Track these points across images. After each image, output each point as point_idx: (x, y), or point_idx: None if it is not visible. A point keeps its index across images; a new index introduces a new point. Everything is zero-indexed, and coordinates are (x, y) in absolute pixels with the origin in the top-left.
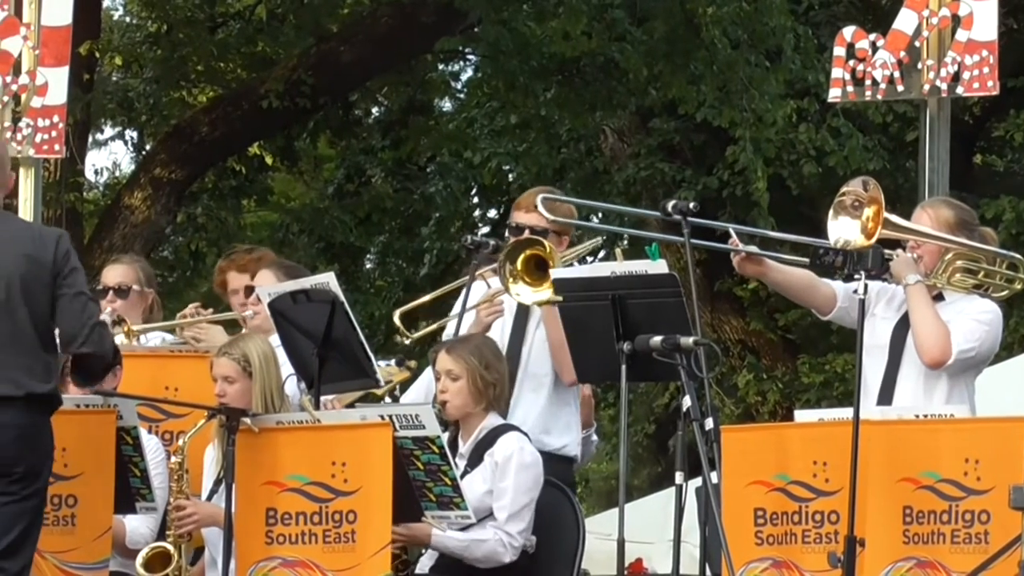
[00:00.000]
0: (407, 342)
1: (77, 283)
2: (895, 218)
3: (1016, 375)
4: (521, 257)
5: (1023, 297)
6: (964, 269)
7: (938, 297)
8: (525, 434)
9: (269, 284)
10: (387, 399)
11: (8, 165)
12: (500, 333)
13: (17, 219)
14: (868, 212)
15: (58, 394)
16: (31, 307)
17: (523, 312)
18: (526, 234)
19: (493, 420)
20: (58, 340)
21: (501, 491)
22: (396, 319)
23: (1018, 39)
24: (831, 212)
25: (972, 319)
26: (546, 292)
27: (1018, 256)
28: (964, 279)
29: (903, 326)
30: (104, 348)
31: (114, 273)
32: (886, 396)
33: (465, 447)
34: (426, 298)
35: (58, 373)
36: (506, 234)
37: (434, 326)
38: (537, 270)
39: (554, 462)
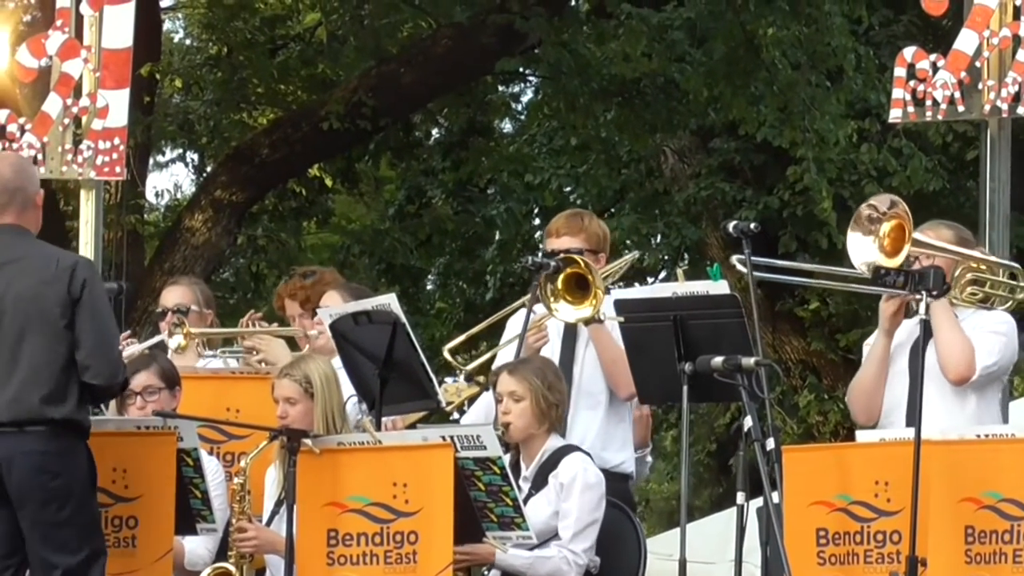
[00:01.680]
0: (460, 376)
1: (94, 312)
2: (922, 236)
3: None
4: (561, 276)
5: None
6: (972, 282)
7: None
8: (588, 454)
9: (335, 305)
10: (456, 415)
11: (31, 195)
12: (550, 356)
13: (38, 244)
14: (884, 228)
15: (80, 418)
16: (46, 334)
17: (571, 333)
18: (532, 258)
19: (555, 442)
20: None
21: (566, 511)
22: (446, 355)
23: None
24: (851, 225)
25: (990, 332)
26: (587, 309)
27: (1016, 265)
28: (973, 293)
29: (917, 349)
30: (111, 380)
31: (173, 295)
32: (913, 419)
33: (529, 470)
34: (474, 330)
35: (77, 398)
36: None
37: (487, 356)
38: (577, 288)
39: (612, 479)
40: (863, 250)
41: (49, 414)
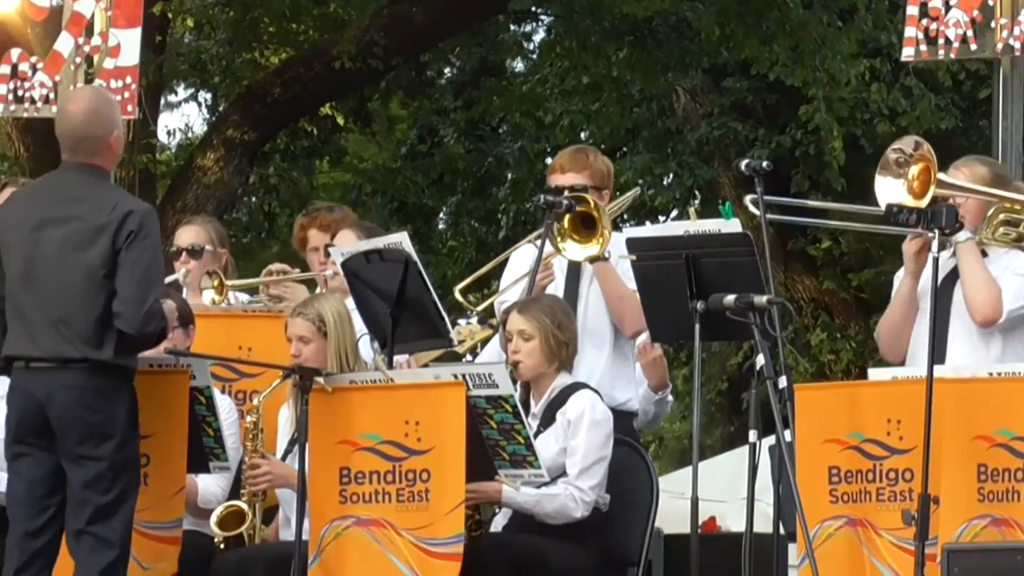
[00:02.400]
0: (474, 318)
1: (132, 263)
2: (947, 178)
3: None
4: (567, 216)
5: None
6: (1005, 223)
7: (982, 254)
8: (596, 391)
9: (348, 243)
10: (468, 357)
11: (103, 136)
12: (553, 293)
13: (100, 187)
14: (913, 171)
15: (120, 361)
16: (88, 281)
17: (574, 272)
18: (566, 194)
19: (564, 379)
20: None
21: (573, 448)
22: (457, 295)
23: None
24: (878, 170)
25: (1019, 275)
26: (594, 247)
27: None
28: (1006, 233)
29: (947, 285)
30: (142, 330)
31: (187, 234)
32: (939, 355)
33: (537, 407)
34: (483, 270)
35: (115, 344)
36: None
37: (498, 296)
38: (584, 227)
39: (619, 418)
40: (892, 193)
41: (87, 355)
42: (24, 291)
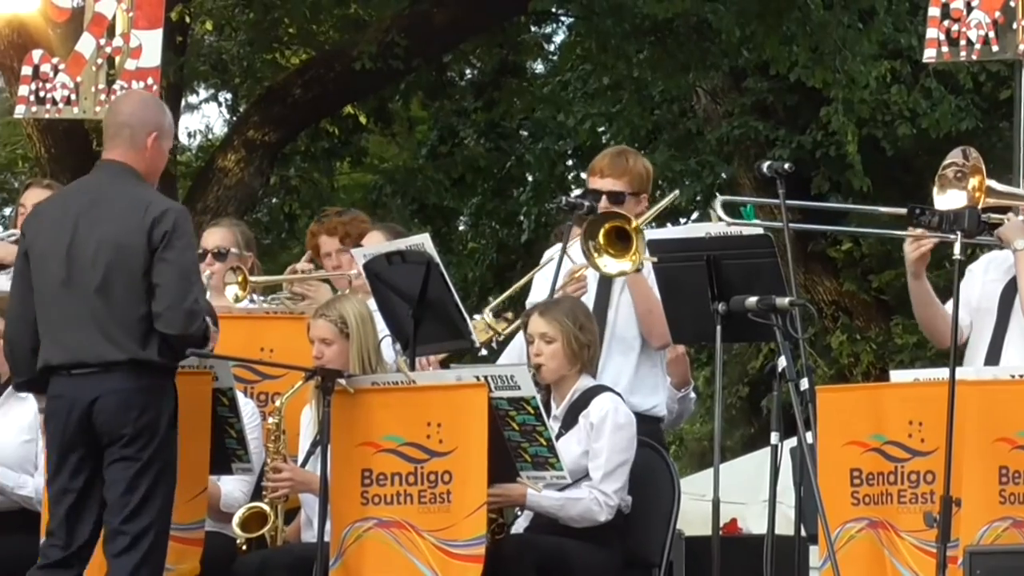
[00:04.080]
0: (487, 312)
1: (170, 263)
2: (998, 185)
3: None
4: (602, 230)
5: None
6: None
7: None
8: (619, 394)
9: (372, 244)
10: (484, 351)
11: (140, 134)
12: (585, 299)
13: (132, 185)
14: (974, 182)
15: (162, 360)
16: (127, 282)
17: (606, 280)
18: (603, 202)
19: (586, 382)
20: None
21: (596, 451)
22: (488, 317)
23: None
24: (936, 188)
25: None
26: (628, 263)
27: None
28: None
29: (1011, 289)
30: (185, 330)
31: (213, 237)
32: (994, 357)
33: (559, 409)
34: (510, 291)
35: (157, 345)
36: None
37: (513, 288)
38: (619, 241)
39: (644, 422)
40: (957, 205)
41: (132, 356)
42: (63, 297)
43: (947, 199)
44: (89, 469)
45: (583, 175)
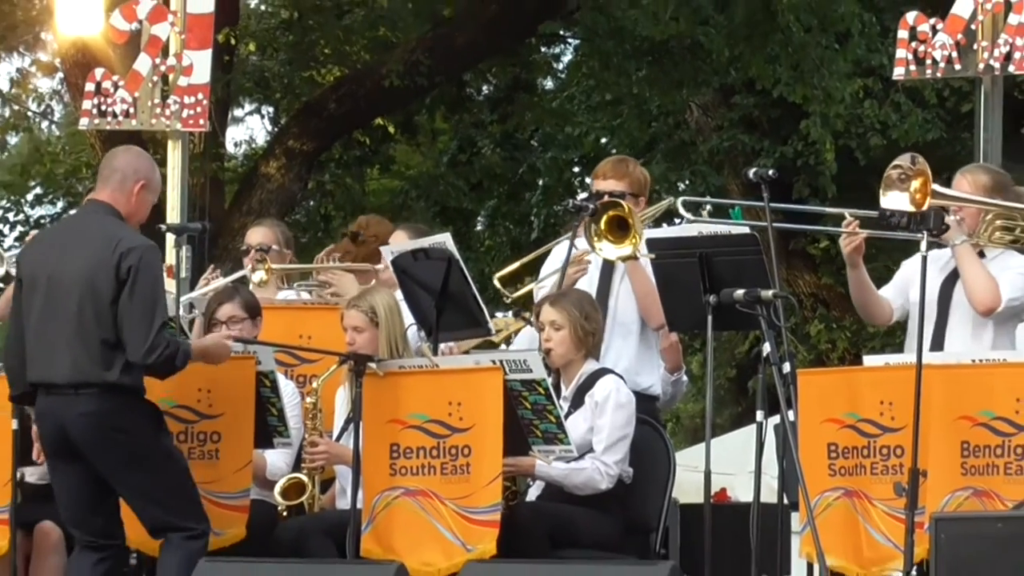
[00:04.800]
0: (507, 301)
1: (135, 300)
2: (940, 188)
3: None
4: (604, 218)
5: None
6: (1002, 227)
7: (980, 254)
8: (621, 376)
9: (400, 243)
10: (504, 346)
11: (128, 181)
12: (587, 287)
13: (108, 224)
14: (915, 184)
15: (128, 382)
16: (97, 310)
17: (607, 269)
18: (606, 198)
19: (592, 365)
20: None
21: (599, 427)
22: (496, 282)
23: None
24: (882, 186)
25: (1016, 272)
26: (627, 248)
27: None
28: (1002, 236)
29: (949, 283)
30: (145, 360)
31: (256, 234)
32: (938, 344)
33: (568, 391)
34: (518, 264)
35: (122, 367)
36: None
37: (530, 286)
38: (618, 229)
39: (643, 401)
40: (897, 205)
41: (97, 379)
42: (42, 322)
43: (890, 199)
44: (80, 473)
45: (588, 181)
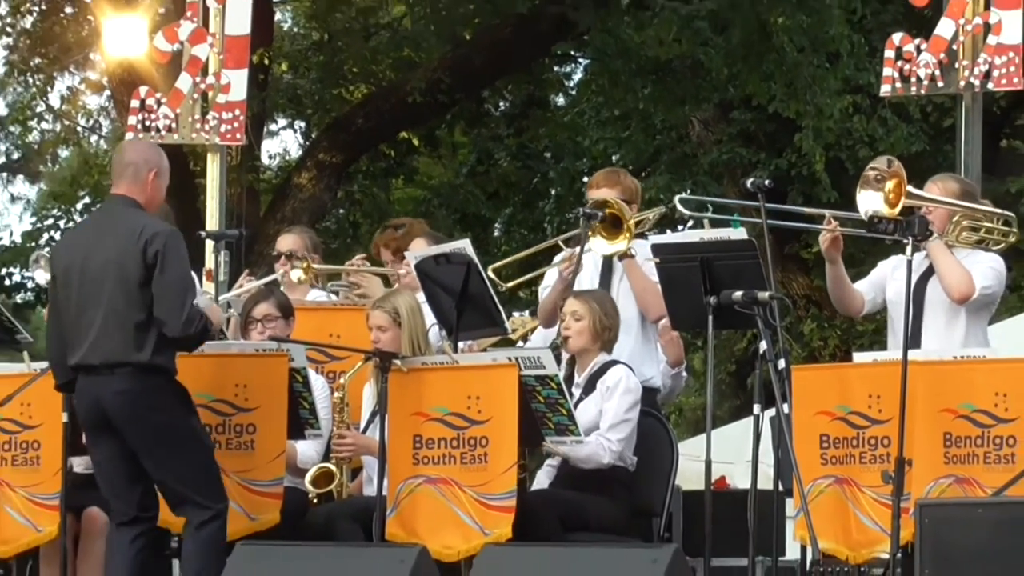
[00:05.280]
0: (503, 290)
1: (167, 281)
2: (914, 190)
3: None
4: (598, 216)
5: None
6: (968, 228)
7: None
8: (630, 367)
9: (421, 249)
10: (520, 344)
11: (142, 171)
12: (588, 286)
13: (133, 214)
14: (889, 185)
15: (160, 363)
16: (127, 293)
17: (607, 268)
18: (584, 209)
19: (604, 357)
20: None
21: (606, 409)
22: (490, 272)
23: None
24: (859, 185)
25: (987, 265)
26: (620, 244)
27: (1010, 213)
28: (969, 236)
29: (922, 282)
30: (184, 333)
31: (286, 241)
32: (915, 339)
33: (581, 378)
34: (512, 258)
35: (153, 347)
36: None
37: (527, 276)
38: (612, 227)
39: (644, 392)
40: (872, 203)
41: (130, 359)
42: (78, 310)
43: (864, 197)
44: (116, 448)
45: None
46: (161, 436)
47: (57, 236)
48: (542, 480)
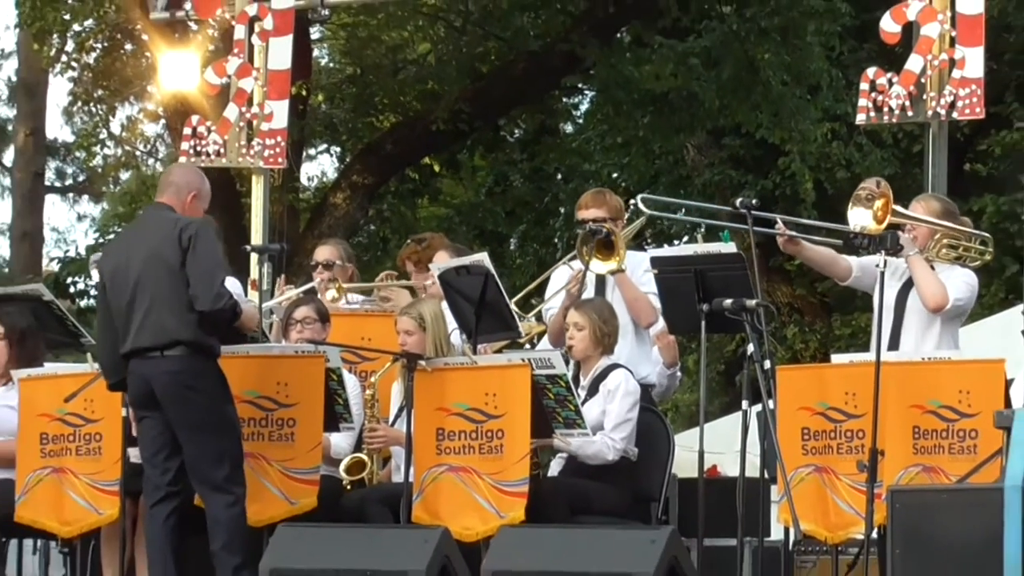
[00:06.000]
0: (532, 318)
1: (198, 259)
2: (900, 208)
3: (995, 330)
4: (594, 242)
5: (1001, 269)
6: (948, 245)
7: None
8: (629, 370)
9: (444, 261)
10: (527, 347)
11: (183, 192)
12: (585, 296)
13: (170, 215)
14: (878, 204)
15: (204, 340)
16: (170, 278)
17: (600, 283)
18: (589, 225)
19: (606, 361)
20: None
21: (609, 411)
22: (511, 305)
23: (997, 76)
24: (850, 203)
25: (960, 280)
26: (612, 264)
27: (987, 235)
28: (948, 253)
29: (905, 290)
30: (214, 306)
31: (323, 252)
32: (895, 343)
33: (585, 381)
34: (530, 287)
35: (197, 324)
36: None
37: (544, 304)
38: (605, 249)
39: (641, 389)
40: (861, 219)
41: (178, 338)
42: (129, 303)
43: (856, 214)
44: (159, 423)
45: None
46: (200, 415)
47: None
48: (554, 469)
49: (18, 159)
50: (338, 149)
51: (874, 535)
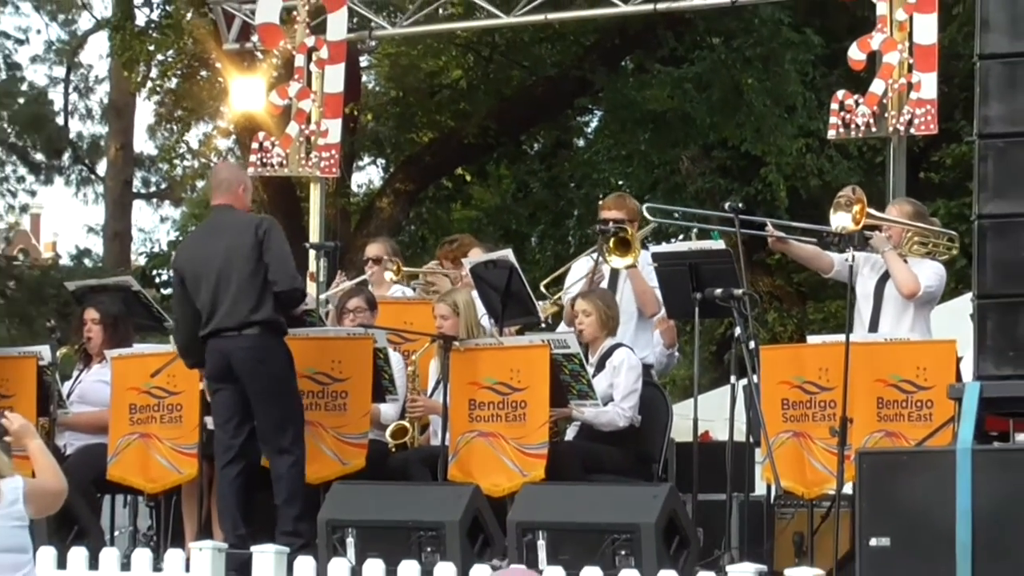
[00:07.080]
0: (550, 302)
1: (274, 249)
2: (874, 212)
3: (947, 315)
4: (613, 240)
5: (952, 262)
6: (919, 242)
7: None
8: (631, 348)
9: (475, 256)
10: (543, 325)
11: (234, 185)
12: (602, 286)
13: (239, 214)
14: (856, 208)
15: (276, 319)
16: (248, 267)
17: (614, 275)
18: (611, 225)
19: (611, 341)
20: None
21: (616, 384)
22: (542, 287)
23: (948, 97)
24: (832, 208)
25: (930, 270)
26: (629, 259)
27: (954, 232)
28: (919, 248)
29: (882, 282)
30: (291, 286)
31: (373, 248)
32: (874, 326)
33: (593, 359)
34: (557, 273)
35: (271, 306)
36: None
37: (564, 292)
38: (622, 246)
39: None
40: (842, 221)
41: (254, 318)
42: (211, 291)
43: (837, 217)
44: (234, 394)
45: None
46: (271, 386)
47: None
48: (569, 434)
49: (110, 170)
50: (383, 161)
51: (845, 491)
